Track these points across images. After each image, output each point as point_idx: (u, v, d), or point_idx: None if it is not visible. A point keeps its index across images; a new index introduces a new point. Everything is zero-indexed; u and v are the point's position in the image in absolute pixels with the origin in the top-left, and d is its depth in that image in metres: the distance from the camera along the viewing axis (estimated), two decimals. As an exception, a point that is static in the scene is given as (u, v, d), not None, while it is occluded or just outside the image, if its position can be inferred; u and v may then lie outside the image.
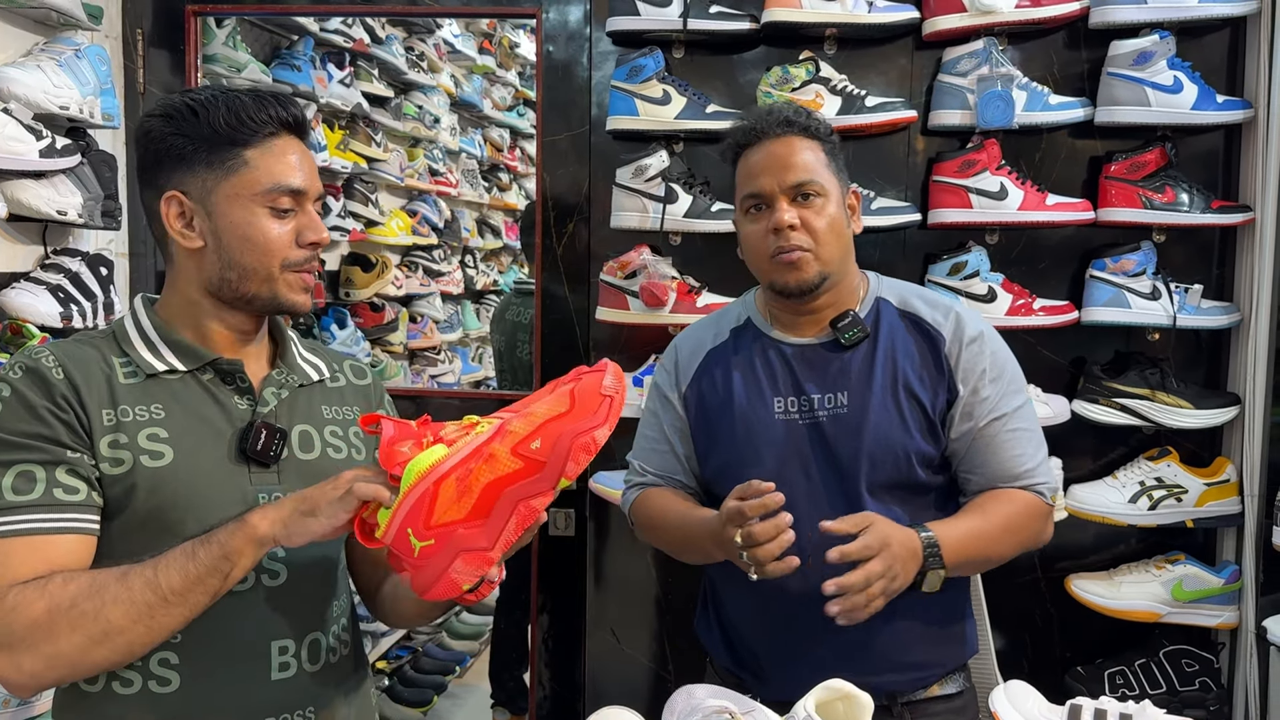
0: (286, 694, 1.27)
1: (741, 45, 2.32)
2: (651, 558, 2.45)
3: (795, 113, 1.58)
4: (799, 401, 1.57)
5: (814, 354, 1.59)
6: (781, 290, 1.57)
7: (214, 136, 1.25)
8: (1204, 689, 2.20)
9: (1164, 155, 2.15)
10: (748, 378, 1.61)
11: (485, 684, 3.56)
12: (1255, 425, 2.14)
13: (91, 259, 2.31)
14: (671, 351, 1.74)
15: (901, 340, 1.58)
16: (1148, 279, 2.16)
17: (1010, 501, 1.54)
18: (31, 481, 1.16)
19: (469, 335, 4.57)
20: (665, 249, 2.32)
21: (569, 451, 1.11)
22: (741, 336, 1.66)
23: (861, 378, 1.56)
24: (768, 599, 1.52)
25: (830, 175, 1.57)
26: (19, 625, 1.11)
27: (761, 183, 1.55)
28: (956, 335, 1.58)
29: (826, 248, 1.54)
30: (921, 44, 2.26)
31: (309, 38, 3.28)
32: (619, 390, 1.15)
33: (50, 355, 1.23)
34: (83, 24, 2.30)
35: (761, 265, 1.59)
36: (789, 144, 1.56)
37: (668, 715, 1.24)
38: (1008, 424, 1.56)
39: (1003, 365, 1.59)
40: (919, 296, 1.64)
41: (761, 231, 1.56)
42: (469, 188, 4.61)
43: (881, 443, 1.52)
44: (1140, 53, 2.11)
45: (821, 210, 1.54)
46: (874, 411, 1.53)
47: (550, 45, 2.42)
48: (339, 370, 1.46)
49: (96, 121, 2.28)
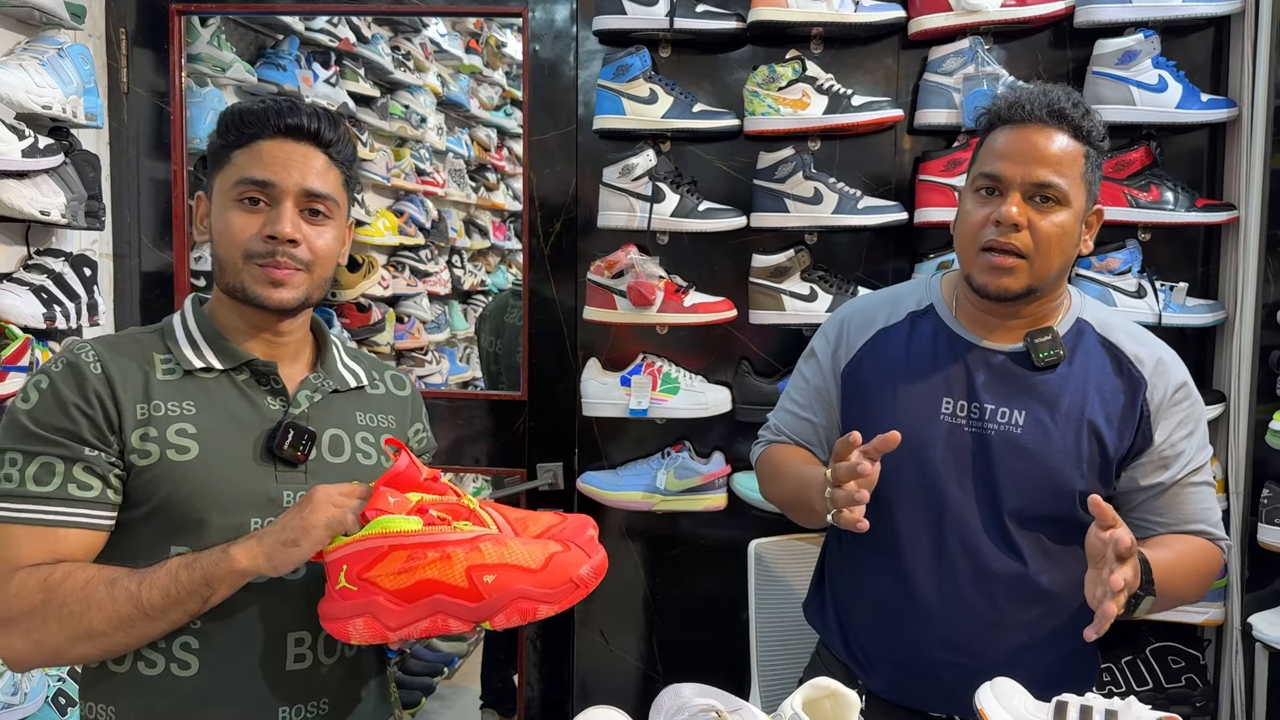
0: (301, 685, 1.31)
1: (728, 44, 2.32)
2: (640, 558, 2.45)
3: (1073, 105, 1.44)
4: (969, 408, 1.49)
5: (999, 363, 1.50)
6: (979, 290, 1.46)
7: (221, 142, 1.34)
8: (1190, 686, 2.21)
9: (1149, 154, 2.16)
10: (918, 368, 1.53)
11: (474, 685, 3.55)
12: (1240, 423, 2.15)
13: (75, 259, 2.30)
14: (836, 321, 1.66)
15: (1097, 372, 1.49)
16: (1133, 277, 2.17)
17: (1199, 547, 1.49)
18: (51, 474, 1.23)
19: (456, 336, 4.55)
20: (653, 248, 2.32)
21: (508, 606, 1.14)
22: (920, 322, 1.57)
23: (1046, 401, 1.47)
24: (895, 597, 1.52)
25: (1080, 185, 1.44)
26: (15, 609, 1.20)
27: (1004, 167, 1.42)
28: (1161, 381, 1.49)
29: (1045, 259, 1.43)
30: (907, 43, 2.27)
31: (294, 37, 3.27)
32: (590, 582, 1.18)
33: (91, 350, 1.30)
34: (65, 23, 2.28)
35: (968, 253, 1.47)
36: (1050, 137, 1.42)
37: (655, 714, 1.23)
38: (1199, 477, 1.51)
39: (1199, 419, 1.52)
40: (1125, 331, 1.54)
41: (983, 217, 1.44)
42: (456, 188, 4.60)
43: (1049, 474, 1.45)
44: (1125, 52, 2.12)
45: (1055, 219, 1.42)
46: (1051, 440, 1.45)
47: (537, 44, 2.42)
48: (380, 379, 1.51)
49: (80, 121, 2.27)
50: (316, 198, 1.33)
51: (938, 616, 1.49)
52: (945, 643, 1.50)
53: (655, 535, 2.46)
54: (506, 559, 1.15)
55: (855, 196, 2.21)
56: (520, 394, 2.49)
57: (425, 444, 1.57)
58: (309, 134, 1.34)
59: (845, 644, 1.61)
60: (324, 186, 1.34)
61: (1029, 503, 1.47)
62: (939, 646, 1.50)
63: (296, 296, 1.34)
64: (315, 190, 1.33)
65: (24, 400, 1.26)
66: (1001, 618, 1.49)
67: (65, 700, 2.19)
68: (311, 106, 1.36)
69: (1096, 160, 1.47)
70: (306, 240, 1.33)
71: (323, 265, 1.36)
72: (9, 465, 1.24)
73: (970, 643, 1.48)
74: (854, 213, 2.17)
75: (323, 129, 1.34)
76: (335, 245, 1.38)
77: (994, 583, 1.48)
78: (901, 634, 1.53)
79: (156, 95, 2.56)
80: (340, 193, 1.38)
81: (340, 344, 1.50)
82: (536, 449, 2.49)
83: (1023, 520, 1.47)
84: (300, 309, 1.37)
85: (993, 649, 1.48)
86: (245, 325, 1.37)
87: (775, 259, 2.22)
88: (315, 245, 1.34)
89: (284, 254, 1.31)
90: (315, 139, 1.34)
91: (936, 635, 1.50)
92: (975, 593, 1.48)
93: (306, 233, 1.33)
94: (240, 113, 1.33)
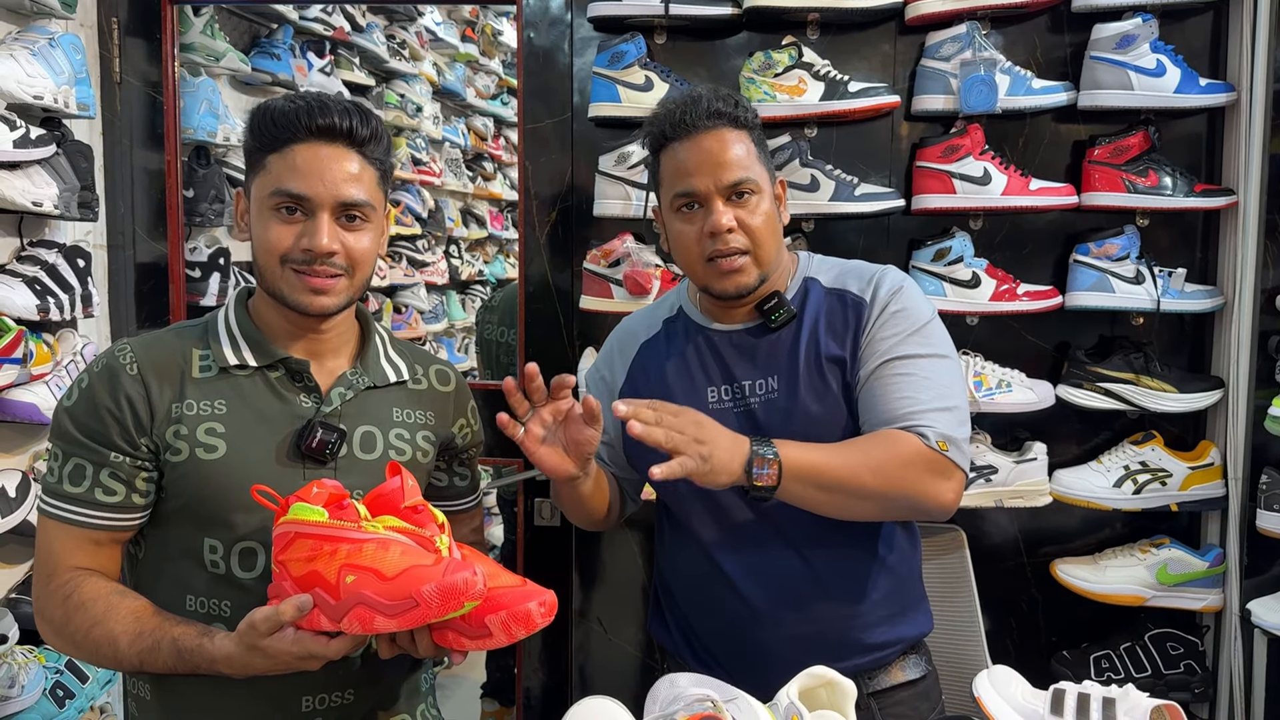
0: (326, 675, 1.31)
1: (724, 31, 2.31)
2: (637, 547, 2.44)
3: (723, 101, 1.49)
4: (731, 389, 1.54)
5: (742, 340, 1.56)
6: (721, 295, 1.52)
7: (254, 144, 1.35)
8: (1189, 672, 2.21)
9: (1147, 139, 2.15)
10: (680, 369, 1.59)
11: (473, 675, 3.55)
12: (1238, 408, 2.15)
13: (68, 250, 2.29)
14: (607, 345, 1.73)
15: (825, 315, 1.54)
16: (1131, 263, 2.16)
17: (884, 439, 1.41)
18: (82, 476, 1.31)
19: (454, 326, 4.54)
20: (649, 236, 2.31)
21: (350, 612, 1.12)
22: (673, 327, 1.64)
23: (789, 358, 1.52)
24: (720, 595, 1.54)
25: (761, 168, 1.51)
26: (48, 613, 1.32)
27: (695, 181, 1.47)
28: (875, 293, 1.52)
29: (764, 248, 1.49)
30: (904, 28, 2.25)
31: (288, 26, 3.25)
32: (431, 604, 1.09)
33: (130, 352, 1.35)
34: (57, 13, 2.27)
35: (695, 268, 1.52)
36: (720, 138, 1.47)
37: (650, 704, 1.23)
38: (901, 368, 1.46)
39: (914, 315, 1.50)
40: (851, 273, 1.58)
41: (696, 233, 1.49)
42: (453, 177, 4.58)
43: (812, 422, 1.49)
44: (1123, 36, 2.10)
45: (757, 208, 1.48)
46: (802, 391, 1.50)
47: (531, 31, 2.40)
48: (423, 374, 1.52)
49: (72, 111, 2.26)
50: (352, 207, 1.33)
51: (765, 601, 1.52)
52: (782, 626, 1.52)
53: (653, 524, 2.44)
54: (374, 563, 1.12)
55: (852, 183, 2.19)
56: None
57: (470, 438, 1.57)
58: (342, 134, 1.33)
59: (693, 653, 1.62)
60: (359, 193, 1.33)
61: None
62: (778, 634, 1.52)
63: (338, 302, 1.35)
64: (350, 200, 1.33)
65: (67, 398, 1.35)
66: (819, 567, 1.52)
67: (64, 693, 2.19)
68: (343, 103, 1.35)
69: (761, 138, 1.53)
70: (345, 247, 1.34)
71: (362, 267, 1.37)
72: (52, 459, 1.34)
73: (802, 617, 1.50)
74: (851, 200, 2.16)
75: (356, 127, 1.34)
76: (373, 245, 1.38)
77: (801, 546, 1.51)
78: (738, 626, 1.55)
79: (149, 85, 2.55)
80: (376, 192, 1.37)
81: (387, 336, 1.51)
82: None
83: None
84: (341, 311, 1.38)
85: (817, 598, 1.51)
86: (287, 324, 1.39)
87: (772, 247, 2.21)
88: (354, 250, 1.35)
89: (323, 262, 1.32)
90: (349, 138, 1.33)
91: (771, 618, 1.52)
92: (788, 553, 1.52)
93: (344, 239, 1.34)
94: (271, 114, 1.33)
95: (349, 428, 1.38)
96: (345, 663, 1.34)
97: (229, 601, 1.32)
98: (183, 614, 1.32)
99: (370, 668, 1.38)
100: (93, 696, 2.28)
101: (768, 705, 1.13)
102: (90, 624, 1.28)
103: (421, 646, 1.21)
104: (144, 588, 1.37)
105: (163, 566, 1.37)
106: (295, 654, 1.17)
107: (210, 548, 1.33)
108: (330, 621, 1.14)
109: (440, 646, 1.21)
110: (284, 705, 1.34)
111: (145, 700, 1.38)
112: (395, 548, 1.14)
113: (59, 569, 1.32)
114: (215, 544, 1.32)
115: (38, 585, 1.34)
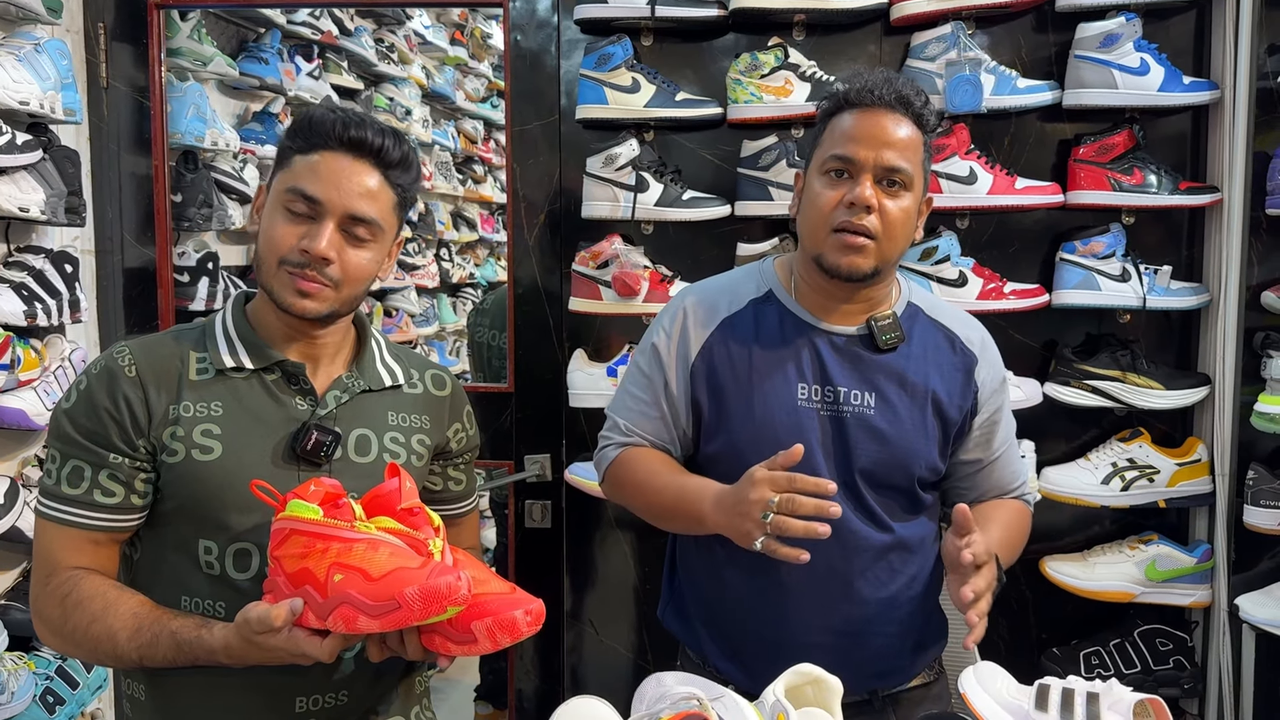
0: (321, 675, 1.33)
1: (710, 32, 2.31)
2: (629, 548, 2.45)
3: (915, 94, 1.48)
4: (823, 391, 1.51)
5: (847, 347, 1.53)
6: (831, 270, 1.47)
7: (289, 144, 1.36)
8: (1178, 667, 2.22)
9: (1132, 137, 2.16)
10: (770, 357, 1.53)
11: (467, 678, 3.54)
12: (1225, 405, 2.16)
13: (56, 256, 2.28)
14: (677, 314, 1.60)
15: (934, 351, 1.55)
16: (1117, 261, 2.17)
17: (1016, 511, 1.62)
18: (80, 478, 1.32)
19: (445, 329, 4.54)
20: (637, 238, 2.31)
21: (335, 610, 1.12)
22: (763, 309, 1.56)
23: (893, 381, 1.51)
24: (763, 588, 1.51)
25: (920, 172, 1.48)
26: (45, 613, 1.32)
27: (857, 149, 1.44)
28: (988, 361, 1.58)
29: (891, 242, 1.46)
30: (890, 29, 2.26)
31: (276, 30, 3.25)
32: (413, 607, 1.09)
33: (128, 354, 1.35)
34: (42, 18, 2.26)
35: (818, 234, 1.48)
36: (898, 123, 1.46)
37: (637, 703, 1.23)
38: (1011, 447, 1.64)
39: (1008, 393, 1.64)
40: (950, 313, 1.61)
41: (835, 198, 1.45)
42: (443, 180, 4.58)
43: (902, 451, 1.50)
44: (1107, 35, 2.11)
45: (902, 203, 1.46)
46: (897, 415, 1.50)
47: (518, 34, 2.41)
48: (419, 378, 1.51)
49: (58, 117, 2.25)
50: (360, 222, 1.34)
51: (808, 601, 1.50)
52: (816, 626, 1.51)
53: (644, 525, 2.42)
54: (362, 563, 1.13)
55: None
56: (507, 386, 2.49)
57: (465, 443, 1.57)
58: (370, 150, 1.33)
59: (713, 642, 1.59)
60: (370, 210, 1.34)
61: (883, 479, 1.51)
62: (810, 630, 1.51)
63: (319, 309, 1.35)
64: (359, 214, 1.33)
65: (66, 400, 1.35)
66: (868, 593, 1.52)
67: (54, 699, 2.18)
68: (381, 124, 1.36)
69: (929, 149, 1.52)
70: (341, 259, 1.33)
71: (352, 285, 1.36)
72: (50, 461, 1.34)
73: (841, 622, 1.50)
74: (838, 200, 2.16)
75: (386, 147, 1.34)
76: (371, 267, 1.38)
77: (860, 559, 1.51)
78: (770, 624, 1.53)
79: (136, 90, 2.54)
80: (389, 216, 1.37)
81: (383, 341, 1.51)
82: (524, 441, 2.48)
83: (878, 496, 1.52)
84: (327, 320, 1.38)
85: (861, 624, 1.51)
86: (284, 327, 1.39)
87: (760, 247, 2.21)
88: (349, 265, 1.34)
89: (315, 268, 1.32)
90: (376, 156, 1.34)
91: (806, 620, 1.51)
92: (844, 572, 1.51)
93: (344, 251, 1.34)
94: (311, 118, 1.35)
95: (344, 430, 1.38)
96: (339, 664, 1.34)
97: (224, 602, 1.32)
98: None
99: (364, 669, 1.38)
100: (83, 702, 2.28)
101: (754, 703, 1.14)
102: (89, 621, 1.29)
103: (410, 649, 1.21)
104: (140, 588, 1.36)
105: (159, 567, 1.37)
106: (288, 650, 1.17)
107: (205, 549, 1.33)
108: (318, 619, 1.14)
109: (429, 650, 1.21)
110: (278, 705, 1.34)
111: (140, 701, 1.39)
112: (385, 549, 1.14)
113: (58, 569, 1.32)
114: (210, 545, 1.33)
115: (35, 586, 1.34)
